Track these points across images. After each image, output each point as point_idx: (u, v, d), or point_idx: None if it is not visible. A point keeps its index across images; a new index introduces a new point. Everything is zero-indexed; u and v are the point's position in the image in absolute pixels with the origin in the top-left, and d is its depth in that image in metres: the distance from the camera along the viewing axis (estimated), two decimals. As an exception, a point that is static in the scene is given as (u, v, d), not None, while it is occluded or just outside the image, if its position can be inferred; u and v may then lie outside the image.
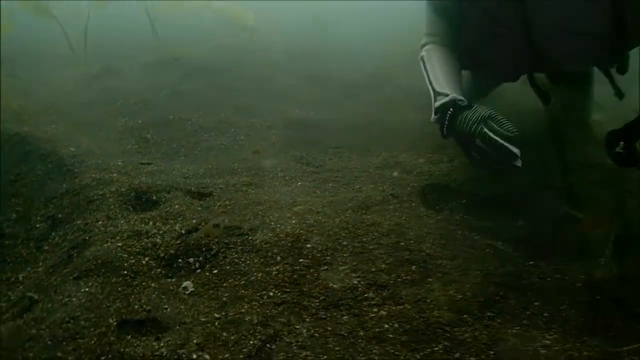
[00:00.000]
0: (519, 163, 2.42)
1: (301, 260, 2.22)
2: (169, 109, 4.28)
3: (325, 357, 1.77)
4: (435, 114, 2.77)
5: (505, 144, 2.42)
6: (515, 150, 2.43)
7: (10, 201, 2.95)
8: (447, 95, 2.69)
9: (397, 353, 1.80)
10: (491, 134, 2.45)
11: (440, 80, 2.87)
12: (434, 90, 2.84)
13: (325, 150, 3.57)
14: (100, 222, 2.51)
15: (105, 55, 5.57)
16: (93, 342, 1.74)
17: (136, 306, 1.97)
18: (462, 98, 2.66)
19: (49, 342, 1.73)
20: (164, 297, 2.04)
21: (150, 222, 2.51)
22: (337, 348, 1.81)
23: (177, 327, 1.87)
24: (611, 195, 2.42)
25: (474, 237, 2.46)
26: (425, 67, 3.05)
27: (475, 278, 2.16)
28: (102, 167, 3.05)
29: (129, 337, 1.80)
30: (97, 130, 3.87)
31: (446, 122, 2.66)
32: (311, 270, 2.17)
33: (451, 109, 2.64)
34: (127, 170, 3.06)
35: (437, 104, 2.71)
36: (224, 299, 2.04)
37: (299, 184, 3.01)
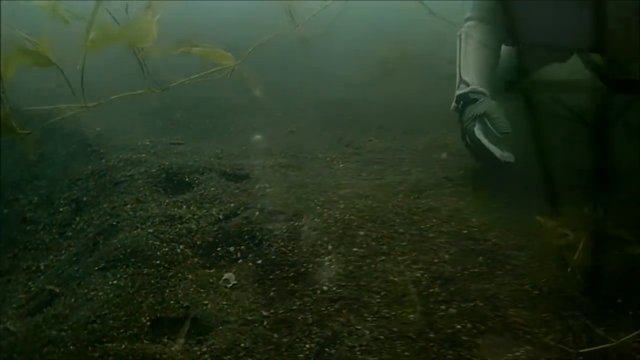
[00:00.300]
0: (510, 159, 2.26)
1: (355, 249, 1.91)
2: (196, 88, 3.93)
3: (394, 363, 1.45)
4: (456, 103, 2.55)
5: (489, 145, 2.27)
6: (498, 153, 2.24)
7: (33, 183, 2.63)
8: (468, 85, 2.52)
9: (474, 359, 1.49)
10: (478, 133, 2.31)
11: (469, 66, 2.64)
12: (459, 76, 2.62)
13: (364, 131, 3.22)
14: (128, 206, 2.20)
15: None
16: (124, 346, 1.42)
17: (172, 302, 1.65)
18: (482, 90, 2.47)
19: (72, 347, 1.41)
20: (202, 291, 1.73)
21: (184, 206, 2.19)
22: (406, 353, 1.51)
23: (221, 328, 1.55)
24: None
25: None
26: (460, 46, 2.80)
27: (550, 271, 1.82)
28: (130, 147, 2.73)
29: (165, 339, 1.47)
30: (123, 110, 3.54)
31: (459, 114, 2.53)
32: (367, 261, 1.86)
33: (461, 102, 2.48)
34: (156, 151, 2.74)
35: (457, 92, 2.55)
36: (272, 293, 1.72)
37: (342, 165, 2.68)
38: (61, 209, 2.40)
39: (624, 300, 1.69)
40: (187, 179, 2.43)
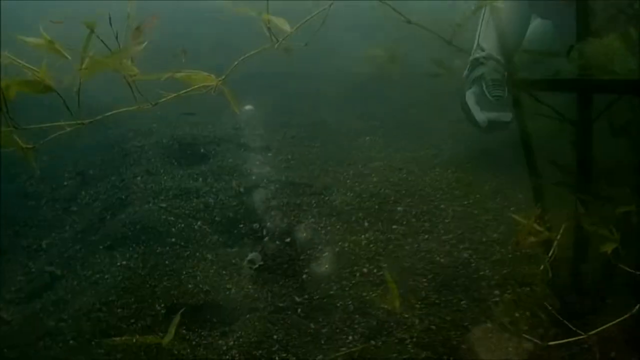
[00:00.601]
0: (507, 118, 2.12)
1: (394, 227, 1.68)
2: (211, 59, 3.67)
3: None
4: (467, 70, 2.37)
5: (472, 106, 2.14)
6: (480, 117, 2.11)
7: (34, 155, 2.37)
8: (483, 50, 2.35)
9: (538, 352, 1.25)
10: (469, 96, 2.19)
11: (490, 33, 2.43)
12: (477, 42, 2.44)
13: (387, 104, 2.96)
14: (138, 179, 1.97)
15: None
16: (135, 340, 1.15)
17: (190, 286, 1.40)
18: (496, 57, 2.28)
19: (72, 342, 1.15)
20: (224, 273, 1.48)
21: (200, 179, 1.94)
22: (463, 346, 1.27)
23: (248, 316, 1.29)
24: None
25: (595, 201, 1.85)
26: (484, 14, 2.55)
27: (608, 253, 1.56)
28: (139, 117, 2.45)
29: (184, 330, 1.21)
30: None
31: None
32: (409, 240, 1.62)
33: (469, 66, 2.32)
34: (168, 121, 2.47)
35: (470, 58, 2.38)
36: (304, 276, 1.47)
37: (368, 138, 2.44)
38: (65, 183, 2.16)
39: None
40: (202, 150, 2.18)
